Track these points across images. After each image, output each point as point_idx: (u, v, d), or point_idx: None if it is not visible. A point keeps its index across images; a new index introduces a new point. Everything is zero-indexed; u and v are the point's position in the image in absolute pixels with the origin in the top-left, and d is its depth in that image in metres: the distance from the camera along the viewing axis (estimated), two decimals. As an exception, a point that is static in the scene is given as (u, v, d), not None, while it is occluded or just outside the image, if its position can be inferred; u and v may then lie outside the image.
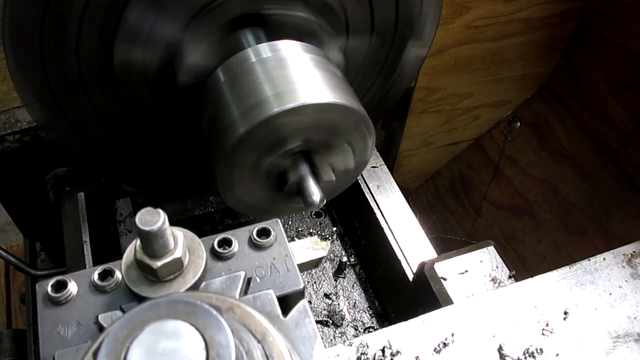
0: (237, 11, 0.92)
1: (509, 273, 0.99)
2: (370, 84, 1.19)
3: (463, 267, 1.00)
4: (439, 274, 0.98)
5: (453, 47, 1.72)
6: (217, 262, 0.73)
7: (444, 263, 1.00)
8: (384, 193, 1.36)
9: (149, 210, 0.59)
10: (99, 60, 0.90)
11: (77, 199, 1.24)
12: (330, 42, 1.01)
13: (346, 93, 0.89)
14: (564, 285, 0.88)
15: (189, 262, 0.68)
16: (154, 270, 0.63)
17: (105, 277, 0.69)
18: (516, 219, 1.99)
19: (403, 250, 1.26)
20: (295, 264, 0.75)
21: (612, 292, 0.87)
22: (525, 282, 0.88)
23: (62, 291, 0.67)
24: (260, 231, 0.76)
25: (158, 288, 0.65)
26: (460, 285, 0.97)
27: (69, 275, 0.69)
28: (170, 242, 0.64)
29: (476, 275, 0.99)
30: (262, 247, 0.75)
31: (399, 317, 1.30)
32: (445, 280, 0.97)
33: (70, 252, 1.18)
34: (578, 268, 0.91)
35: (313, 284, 1.37)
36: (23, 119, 1.14)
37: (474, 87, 1.91)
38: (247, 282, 0.72)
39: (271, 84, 0.86)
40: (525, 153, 1.99)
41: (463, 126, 2.09)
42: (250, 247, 0.75)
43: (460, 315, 0.83)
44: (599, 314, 0.85)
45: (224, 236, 0.74)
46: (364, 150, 0.98)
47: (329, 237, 1.40)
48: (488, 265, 1.00)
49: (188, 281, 0.66)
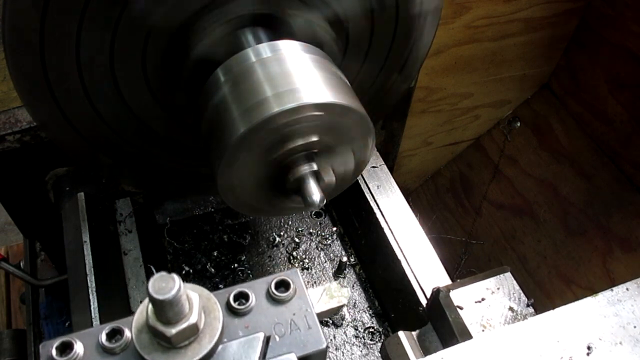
0: (258, 9, 0.93)
1: (527, 301, 0.96)
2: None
3: (479, 295, 0.96)
4: (455, 302, 0.94)
5: (453, 47, 1.72)
6: (234, 318, 0.68)
7: (460, 291, 0.96)
8: (384, 193, 1.36)
9: (162, 276, 0.55)
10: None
11: (77, 199, 1.24)
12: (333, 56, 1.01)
13: (346, 93, 0.89)
14: (586, 318, 0.84)
15: (205, 325, 0.63)
16: (168, 337, 0.60)
17: (113, 336, 0.64)
18: (516, 219, 1.99)
19: (403, 250, 1.26)
20: (317, 319, 0.70)
21: (637, 324, 0.84)
22: (546, 315, 0.84)
23: (67, 354, 0.63)
24: (279, 283, 0.71)
25: (172, 355, 0.61)
26: (477, 314, 0.94)
27: (74, 335, 0.64)
28: (185, 307, 0.60)
29: (493, 304, 0.95)
30: (281, 301, 0.70)
31: (398, 317, 1.30)
32: (462, 310, 0.94)
33: (70, 252, 1.18)
34: (600, 299, 0.86)
35: (313, 284, 1.37)
36: (23, 119, 1.14)
37: (474, 87, 1.91)
38: (266, 341, 0.67)
39: (271, 84, 0.86)
40: (525, 153, 1.99)
41: (463, 126, 2.09)
42: (269, 301, 0.70)
43: (480, 351, 0.80)
44: (624, 350, 0.81)
45: (240, 289, 0.69)
46: (364, 150, 0.98)
47: (347, 283, 1.37)
48: (505, 292, 0.97)
49: (204, 347, 0.62)
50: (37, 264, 1.57)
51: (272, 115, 0.82)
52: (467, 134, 2.14)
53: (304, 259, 1.41)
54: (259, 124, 0.83)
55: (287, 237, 1.46)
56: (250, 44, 0.93)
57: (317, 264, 1.41)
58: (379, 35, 1.08)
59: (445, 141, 2.14)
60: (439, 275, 1.23)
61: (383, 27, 1.07)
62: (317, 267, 1.39)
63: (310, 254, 1.42)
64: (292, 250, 1.42)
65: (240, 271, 1.38)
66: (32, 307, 1.51)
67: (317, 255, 1.42)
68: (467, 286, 0.97)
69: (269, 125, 0.83)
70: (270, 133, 0.85)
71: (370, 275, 1.39)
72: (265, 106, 0.83)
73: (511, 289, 0.98)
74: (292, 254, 1.41)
